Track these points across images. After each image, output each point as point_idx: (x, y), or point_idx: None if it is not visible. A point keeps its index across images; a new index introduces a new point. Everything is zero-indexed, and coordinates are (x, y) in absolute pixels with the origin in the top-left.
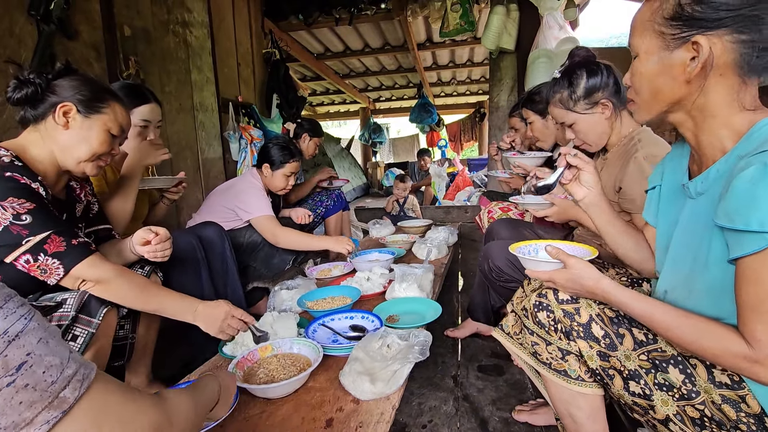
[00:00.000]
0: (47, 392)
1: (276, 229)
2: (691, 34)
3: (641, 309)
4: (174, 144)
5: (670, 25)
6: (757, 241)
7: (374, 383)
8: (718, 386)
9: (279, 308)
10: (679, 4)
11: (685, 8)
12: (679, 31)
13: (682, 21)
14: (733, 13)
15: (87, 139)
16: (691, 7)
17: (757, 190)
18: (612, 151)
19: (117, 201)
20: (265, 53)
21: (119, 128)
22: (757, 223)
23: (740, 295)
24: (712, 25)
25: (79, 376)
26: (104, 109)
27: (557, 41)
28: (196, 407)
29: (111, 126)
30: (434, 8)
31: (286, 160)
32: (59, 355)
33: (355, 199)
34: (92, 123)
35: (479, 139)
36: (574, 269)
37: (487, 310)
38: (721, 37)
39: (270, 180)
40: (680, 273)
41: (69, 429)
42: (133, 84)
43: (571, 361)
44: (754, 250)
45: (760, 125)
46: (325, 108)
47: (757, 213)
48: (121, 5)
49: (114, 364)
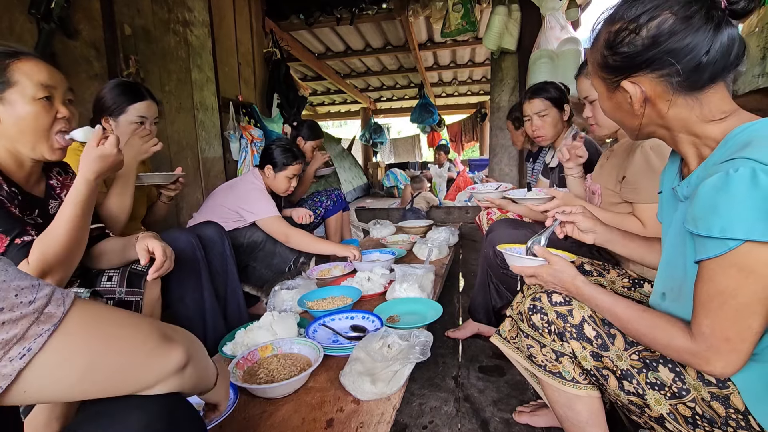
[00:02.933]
0: (30, 309)
1: (288, 229)
2: (619, 79)
3: (605, 303)
4: (174, 143)
5: (604, 72)
6: (718, 246)
7: (375, 383)
8: (707, 384)
9: (279, 308)
10: (603, 54)
11: (607, 59)
12: (612, 77)
13: (609, 69)
14: (643, 57)
15: (19, 120)
16: (611, 58)
17: (718, 197)
18: (621, 142)
19: (114, 199)
20: (265, 53)
21: (42, 87)
22: (718, 230)
23: (696, 293)
24: (632, 71)
25: (58, 294)
26: (14, 77)
27: (559, 42)
28: (208, 364)
29: (32, 91)
30: (436, 8)
31: (288, 163)
32: (26, 279)
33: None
34: (11, 99)
35: (480, 139)
36: (556, 266)
37: (488, 310)
38: (645, 76)
39: (272, 182)
40: (673, 275)
41: (65, 342)
42: (128, 81)
43: (565, 362)
44: (716, 254)
45: (734, 133)
46: (325, 108)
47: (719, 220)
48: (121, 4)
49: None
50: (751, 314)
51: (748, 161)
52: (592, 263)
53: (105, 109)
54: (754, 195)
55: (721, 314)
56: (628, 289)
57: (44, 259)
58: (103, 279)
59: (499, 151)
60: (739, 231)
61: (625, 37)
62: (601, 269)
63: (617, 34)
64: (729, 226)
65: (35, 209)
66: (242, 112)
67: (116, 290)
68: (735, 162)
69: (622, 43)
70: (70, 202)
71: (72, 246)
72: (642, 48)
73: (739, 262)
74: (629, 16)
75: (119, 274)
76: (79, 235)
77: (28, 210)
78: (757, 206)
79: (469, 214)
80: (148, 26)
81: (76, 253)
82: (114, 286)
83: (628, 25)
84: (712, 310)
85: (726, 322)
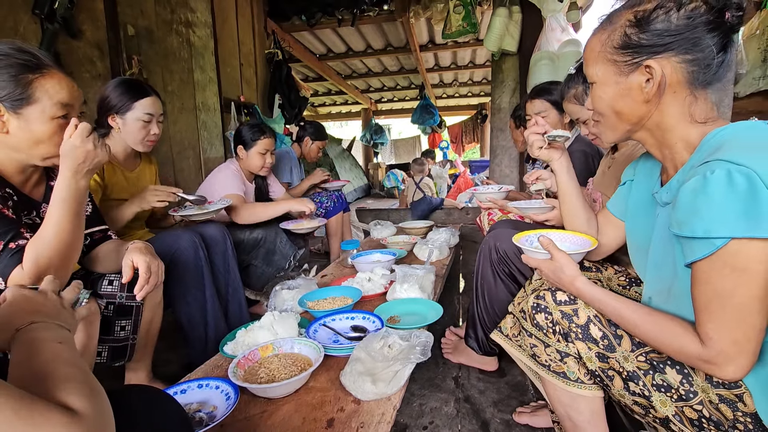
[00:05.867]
0: None
1: (238, 206)
2: (642, 59)
3: (611, 307)
4: (176, 143)
5: (621, 53)
6: (705, 246)
7: (375, 384)
8: (716, 386)
9: (280, 308)
10: (625, 34)
11: (632, 37)
12: (630, 58)
13: (631, 48)
14: (676, 38)
15: (33, 135)
16: (638, 35)
17: (697, 199)
18: (621, 151)
19: (114, 212)
20: (267, 54)
21: (62, 107)
22: (701, 231)
23: (694, 297)
24: (659, 50)
25: None
26: (36, 94)
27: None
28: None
29: (52, 111)
30: (437, 10)
31: (257, 138)
32: None
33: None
34: (29, 117)
35: (481, 140)
36: (557, 262)
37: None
38: (669, 59)
39: (247, 161)
40: (661, 279)
41: None
42: (132, 79)
43: (570, 363)
44: (704, 255)
45: (709, 137)
46: (326, 109)
47: (701, 221)
48: (124, 5)
49: (115, 365)
50: (752, 313)
51: (722, 162)
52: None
53: (111, 108)
54: (732, 195)
55: (724, 316)
56: (624, 288)
57: (37, 263)
58: (104, 283)
59: (500, 152)
60: (723, 230)
61: (661, 14)
62: (599, 265)
63: (653, 11)
64: (712, 227)
65: (32, 210)
66: (244, 112)
67: (116, 294)
68: (710, 164)
69: (657, 20)
70: (54, 202)
71: (63, 249)
72: (675, 27)
73: (731, 261)
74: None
75: (120, 278)
76: (69, 238)
77: (25, 211)
78: (736, 205)
79: (469, 215)
80: (151, 27)
81: (69, 256)
82: (114, 291)
83: (666, 2)
84: (713, 313)
85: (730, 323)
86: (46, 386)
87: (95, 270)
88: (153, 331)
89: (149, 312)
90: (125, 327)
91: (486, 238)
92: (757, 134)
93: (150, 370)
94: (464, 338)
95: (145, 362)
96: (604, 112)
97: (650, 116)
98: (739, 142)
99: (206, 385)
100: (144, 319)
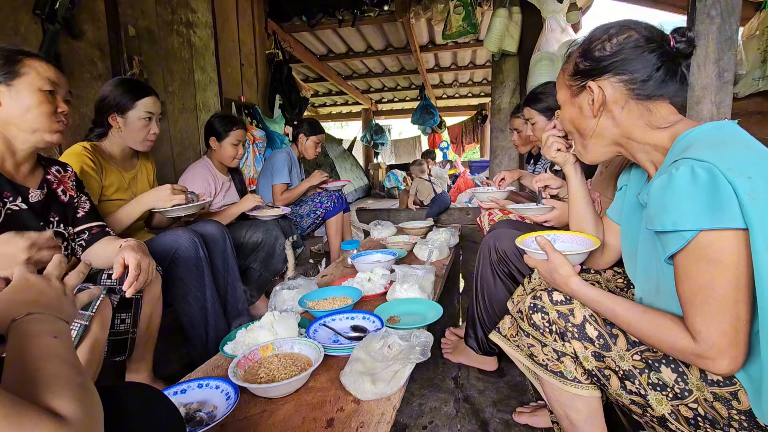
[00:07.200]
0: None
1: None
2: (586, 81)
3: (605, 306)
4: (177, 143)
5: (573, 79)
6: (677, 240)
7: (375, 383)
8: (710, 384)
9: (280, 308)
10: (575, 63)
11: (579, 65)
12: (579, 83)
13: (578, 74)
14: (609, 61)
15: (22, 105)
16: (583, 63)
17: (665, 195)
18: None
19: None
20: (268, 54)
21: (48, 82)
22: (670, 224)
23: (679, 293)
24: (597, 73)
25: None
26: (23, 69)
27: (560, 44)
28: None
29: (39, 83)
30: (437, 10)
31: (229, 129)
32: None
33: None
34: (19, 88)
35: (481, 141)
36: (552, 263)
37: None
38: (608, 79)
39: (220, 153)
40: (649, 279)
41: None
42: (130, 78)
43: (567, 362)
44: (678, 248)
45: (680, 138)
46: (327, 109)
47: (668, 215)
48: (125, 5)
49: (115, 359)
50: (735, 303)
51: (687, 160)
52: None
53: (111, 107)
54: (695, 188)
55: (709, 309)
56: (621, 290)
57: None
58: (103, 276)
59: (500, 153)
60: (689, 222)
61: (598, 45)
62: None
63: (591, 42)
64: (679, 219)
65: (18, 196)
66: (244, 112)
67: (116, 288)
68: (677, 163)
69: (595, 49)
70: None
71: None
72: (610, 53)
73: (704, 254)
74: (604, 29)
75: None
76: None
77: (6, 193)
78: (699, 197)
79: (469, 215)
80: (152, 27)
81: None
82: (114, 284)
83: (602, 35)
84: (698, 307)
85: (716, 315)
86: (36, 387)
87: (94, 265)
88: (153, 328)
89: (148, 306)
90: (125, 320)
91: (486, 238)
92: (722, 132)
93: (151, 369)
94: (464, 338)
95: (146, 362)
96: (568, 129)
97: (611, 130)
98: (705, 141)
99: (206, 384)
100: (143, 314)
